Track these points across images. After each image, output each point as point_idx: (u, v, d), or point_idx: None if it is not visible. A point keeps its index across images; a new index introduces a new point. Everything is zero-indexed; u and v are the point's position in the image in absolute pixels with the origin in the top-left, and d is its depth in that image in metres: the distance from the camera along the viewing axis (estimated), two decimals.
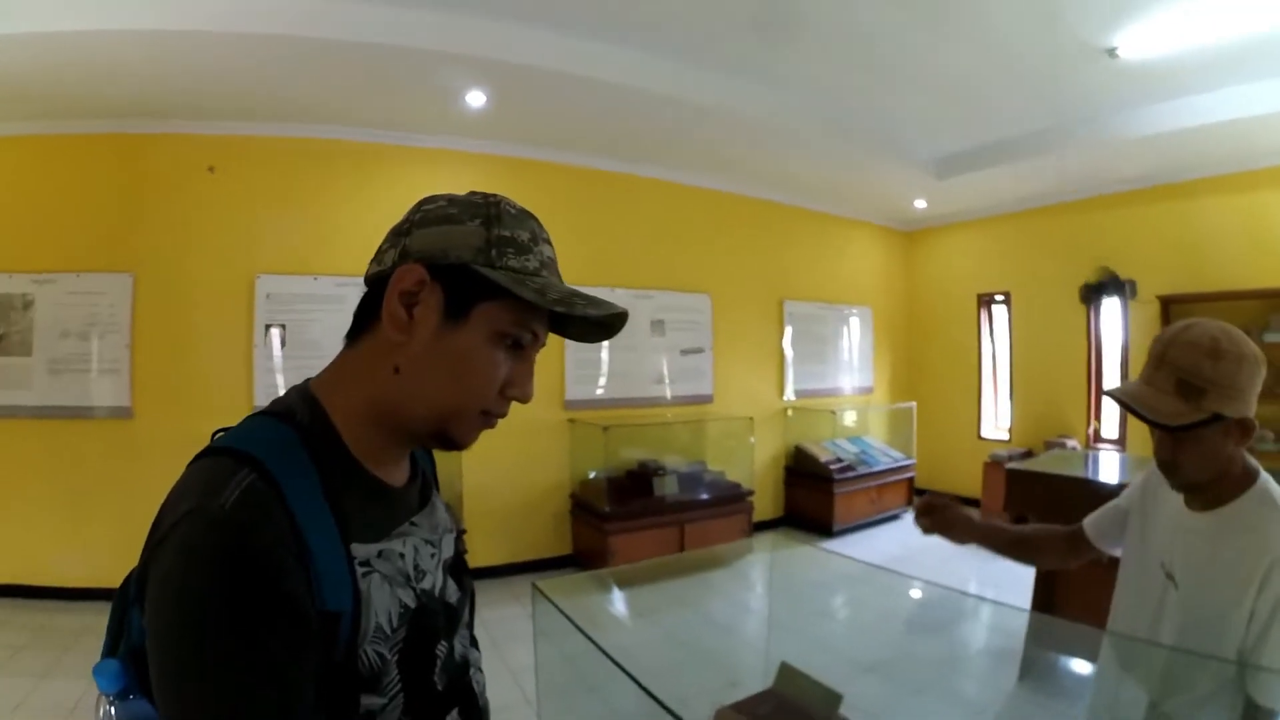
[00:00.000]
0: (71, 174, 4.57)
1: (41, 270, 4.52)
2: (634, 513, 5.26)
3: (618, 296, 5.05)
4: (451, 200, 0.87)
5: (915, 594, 3.92)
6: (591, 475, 5.55)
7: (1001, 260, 7.49)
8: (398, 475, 0.91)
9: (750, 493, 5.99)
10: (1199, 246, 6.02)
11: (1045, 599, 4.01)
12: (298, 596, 0.70)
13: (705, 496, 5.71)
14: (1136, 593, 1.54)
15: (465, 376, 0.84)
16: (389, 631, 0.80)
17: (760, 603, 3.62)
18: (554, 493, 5.57)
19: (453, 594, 0.94)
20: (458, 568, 0.99)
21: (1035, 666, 3.77)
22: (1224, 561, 1.34)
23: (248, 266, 4.75)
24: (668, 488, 5.55)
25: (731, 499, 5.86)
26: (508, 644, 3.96)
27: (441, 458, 1.09)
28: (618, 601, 3.55)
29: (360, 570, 0.78)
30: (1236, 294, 5.81)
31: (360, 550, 0.79)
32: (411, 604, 0.84)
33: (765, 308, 6.85)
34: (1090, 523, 1.76)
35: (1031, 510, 4.71)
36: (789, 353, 7.01)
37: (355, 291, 0.92)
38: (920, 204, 7.39)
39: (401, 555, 0.85)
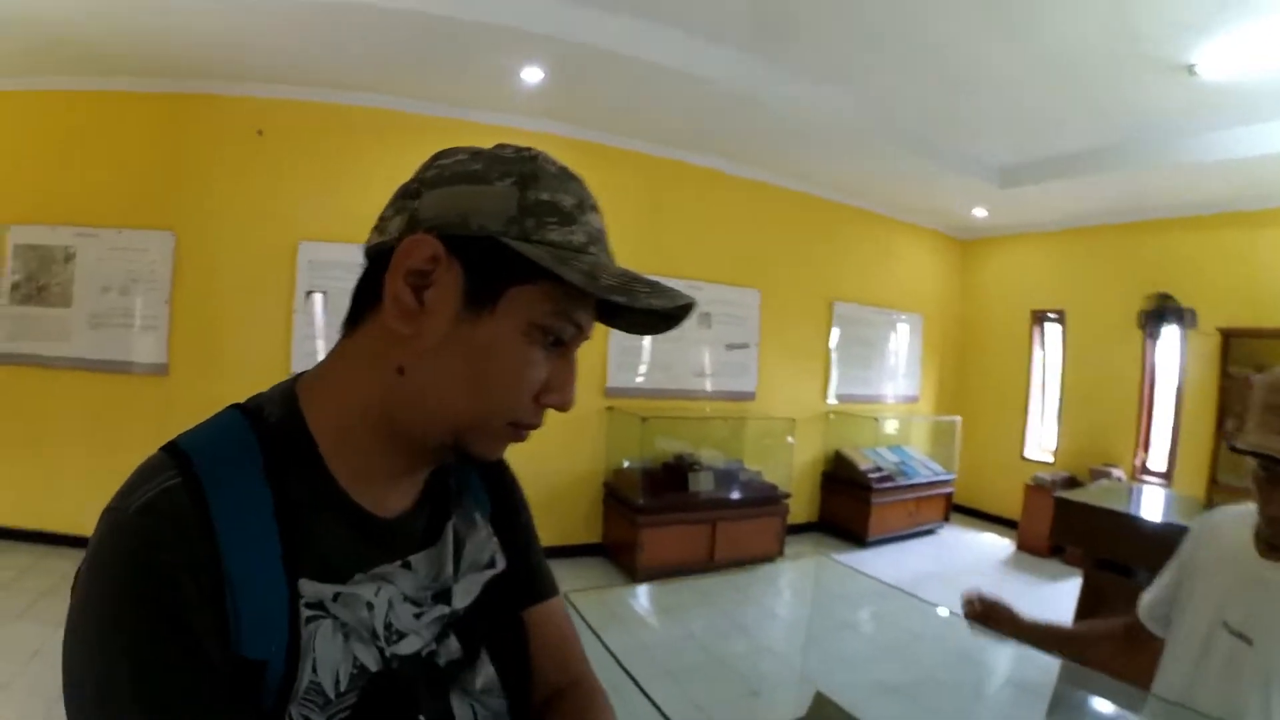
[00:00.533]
0: (120, 130, 4.57)
1: (84, 224, 4.53)
2: (667, 506, 5.16)
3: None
4: (475, 154, 0.69)
5: (947, 619, 3.80)
6: (626, 465, 5.45)
7: (1058, 277, 7.27)
8: (393, 501, 0.73)
9: (787, 495, 5.86)
10: (1264, 279, 5.78)
11: (1087, 611, 3.85)
12: (198, 633, 0.56)
13: (740, 496, 5.59)
14: (1195, 661, 1.45)
15: (490, 380, 0.67)
16: (331, 695, 0.63)
17: (789, 613, 3.52)
18: (588, 480, 5.49)
19: (451, 653, 0.74)
20: (483, 613, 0.79)
21: (1064, 703, 3.64)
22: None
23: (291, 232, 4.73)
24: (703, 484, 5.44)
25: (767, 500, 5.73)
26: None
27: None
28: (649, 615, 3.48)
29: (306, 613, 0.62)
30: None
31: (311, 589, 0.63)
32: (373, 666, 0.67)
33: (814, 307, 6.71)
34: (1145, 608, 1.65)
35: (1074, 541, 4.54)
36: (834, 355, 6.86)
37: None
38: (980, 213, 7.18)
39: (369, 605, 0.67)
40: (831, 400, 6.87)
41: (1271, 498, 1.31)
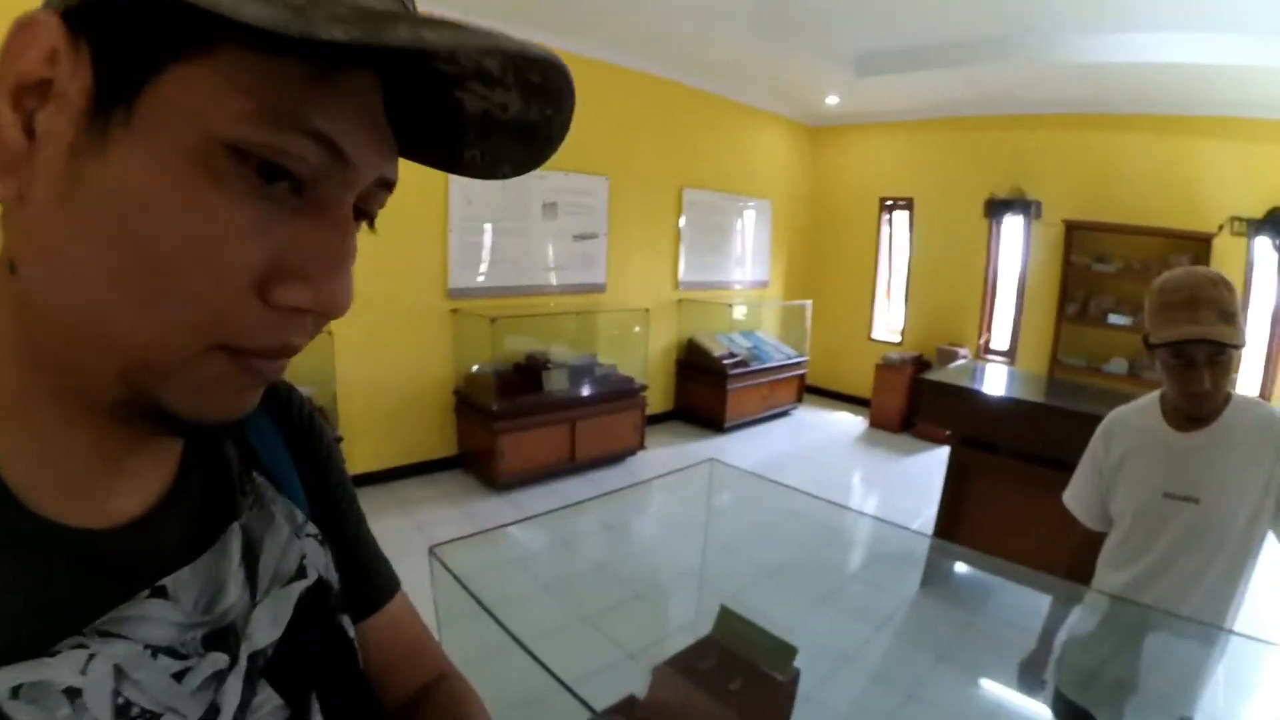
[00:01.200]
0: None
1: None
2: (522, 410, 4.93)
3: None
4: None
5: (822, 513, 3.91)
6: (476, 370, 5.16)
7: (909, 166, 7.42)
8: (115, 500, 0.44)
9: (643, 387, 5.77)
10: (1109, 178, 6.20)
11: (949, 528, 4.04)
12: None
13: (597, 391, 5.43)
14: (1150, 534, 1.70)
15: (152, 263, 0.36)
16: None
17: (683, 523, 3.46)
18: (437, 390, 5.16)
19: (267, 714, 0.48)
20: (302, 644, 0.52)
21: (936, 575, 3.85)
22: (1238, 456, 1.59)
23: None
24: (557, 382, 5.24)
25: (624, 394, 5.62)
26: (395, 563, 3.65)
27: (307, 355, 0.49)
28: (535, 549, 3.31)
29: None
30: (1140, 229, 6.09)
31: None
32: None
33: (664, 195, 6.48)
34: (1087, 514, 1.90)
35: (938, 420, 4.73)
36: (684, 242, 6.72)
37: None
38: (833, 100, 7.11)
39: (72, 694, 0.37)
40: (683, 287, 6.78)
41: (1189, 378, 1.56)
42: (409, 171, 0.47)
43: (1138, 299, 6.14)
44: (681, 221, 6.64)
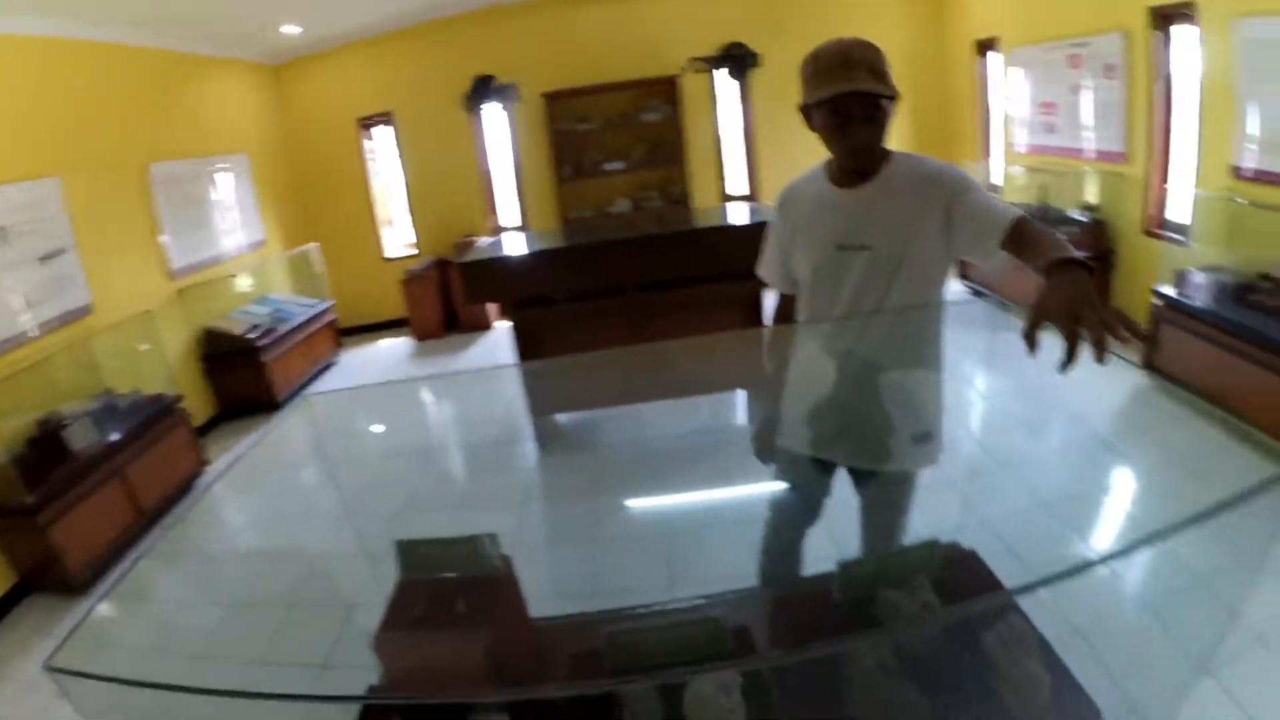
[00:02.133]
0: None
1: None
2: (63, 485, 4.09)
3: None
4: None
5: (421, 432, 4.08)
6: None
7: (384, 81, 7.38)
8: None
9: (179, 398, 5.17)
10: (577, 48, 7.00)
11: (530, 349, 4.41)
12: None
13: (131, 426, 4.67)
14: (834, 285, 1.86)
15: None
16: None
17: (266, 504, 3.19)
18: None
19: None
20: None
21: (549, 438, 4.32)
22: (903, 204, 1.74)
23: None
24: (82, 438, 4.41)
25: (160, 415, 4.91)
26: None
27: None
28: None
29: None
30: (613, 85, 6.98)
31: None
32: None
33: (128, 177, 5.48)
34: (775, 280, 2.09)
35: (490, 296, 5.15)
36: (166, 224, 5.88)
37: None
38: (293, 30, 6.55)
39: None
40: (179, 275, 6.00)
41: (846, 133, 1.69)
42: None
43: (623, 146, 7.16)
44: (158, 202, 5.79)
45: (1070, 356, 1.10)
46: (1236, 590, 2.03)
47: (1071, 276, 1.26)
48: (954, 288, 2.07)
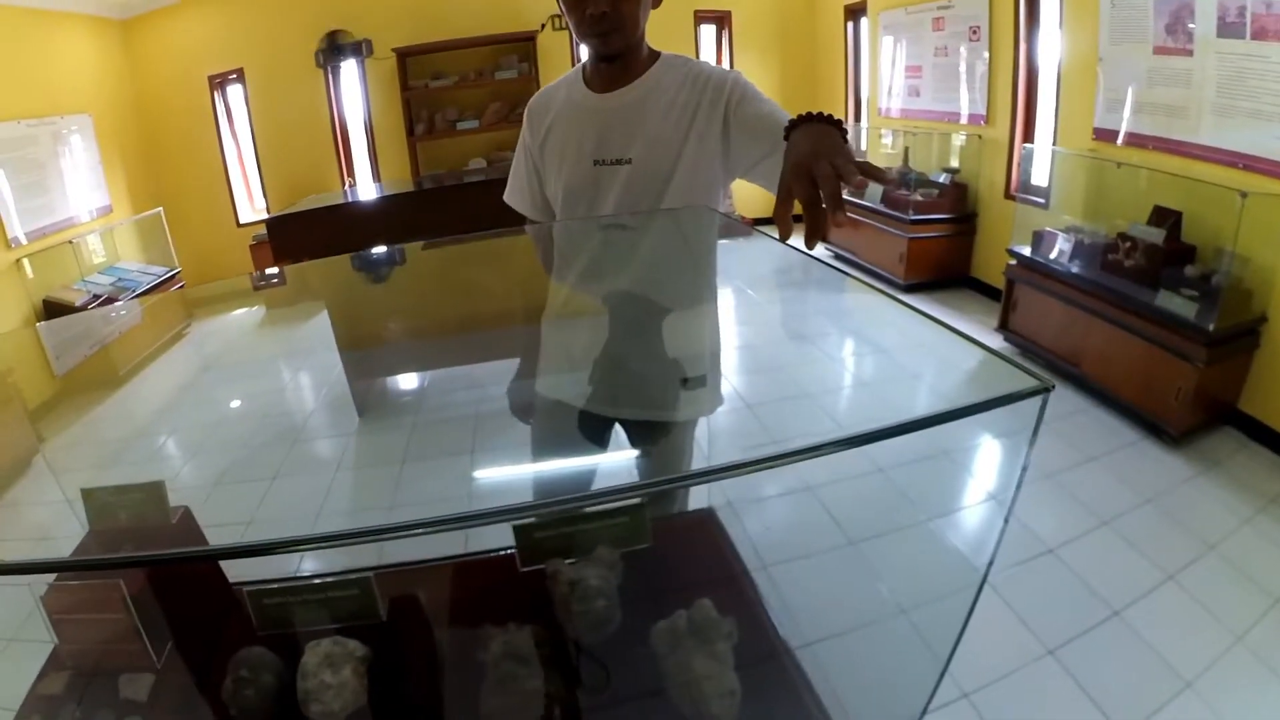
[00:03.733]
0: None
1: None
2: None
3: None
4: None
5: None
6: None
7: (235, 37, 7.09)
8: None
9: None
10: (432, 3, 6.91)
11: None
12: None
13: None
14: (590, 204, 1.63)
15: None
16: None
17: None
18: None
19: None
20: None
21: (366, 402, 4.28)
22: (672, 114, 1.53)
23: None
24: None
25: None
26: None
27: None
28: None
29: None
30: (469, 41, 6.92)
31: None
32: None
33: None
34: (523, 205, 1.82)
35: (301, 252, 5.01)
36: (4, 191, 5.63)
37: None
38: None
39: None
40: (15, 244, 5.81)
41: (583, 3, 1.45)
42: None
43: (480, 103, 7.17)
44: None
45: (813, 227, 0.89)
46: None
47: (813, 129, 1.09)
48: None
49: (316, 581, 1.17)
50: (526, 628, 1.22)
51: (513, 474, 2.15)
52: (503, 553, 1.44)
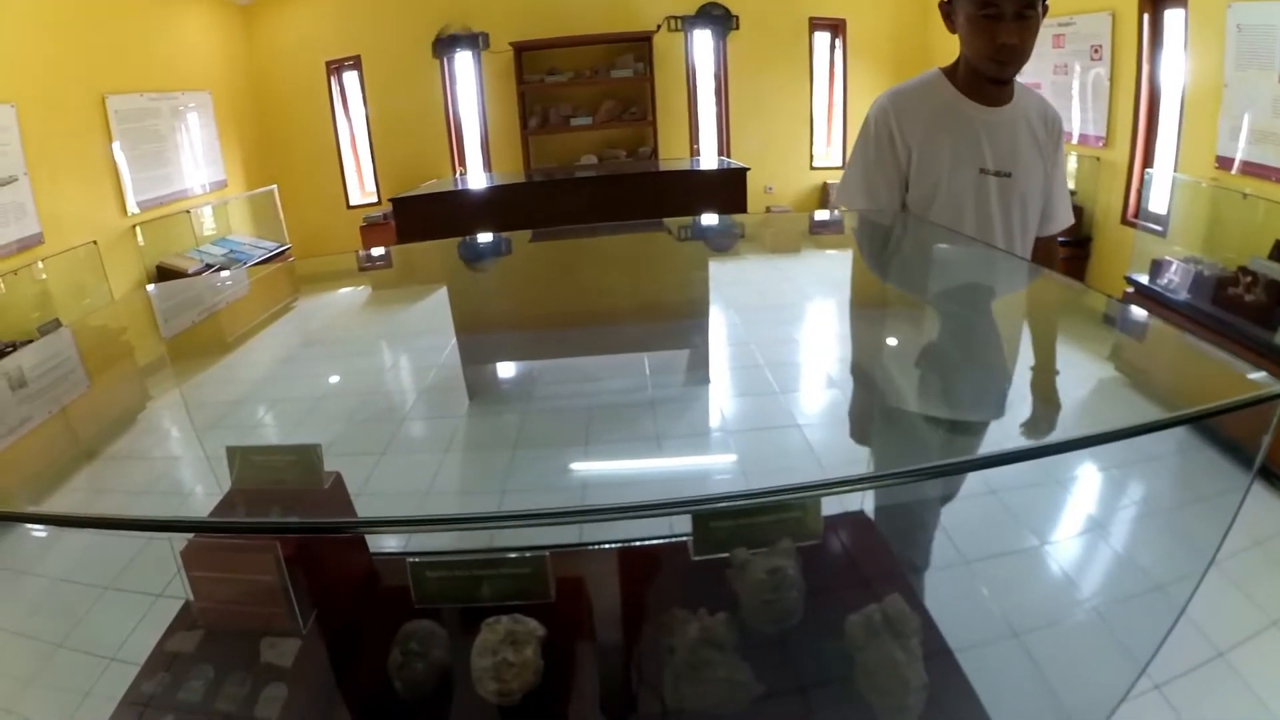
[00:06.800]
0: None
1: None
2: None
3: None
4: None
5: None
6: None
7: (353, 25, 7.39)
8: None
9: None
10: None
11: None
12: None
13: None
14: (971, 208, 1.76)
15: None
16: None
17: None
18: None
19: None
20: None
21: (478, 387, 4.35)
22: (1031, 136, 1.75)
23: None
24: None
25: None
26: None
27: None
28: None
29: None
30: (585, 39, 7.05)
31: None
32: None
33: (84, 109, 5.57)
34: (872, 200, 1.86)
35: (421, 232, 5.26)
36: (124, 158, 6.03)
37: None
38: None
39: None
40: (133, 210, 6.16)
41: (997, 30, 1.59)
42: None
43: (593, 100, 7.29)
44: (116, 135, 5.92)
45: None
46: None
47: None
48: None
49: (485, 558, 1.17)
50: (721, 614, 1.22)
51: (628, 468, 2.18)
52: (669, 540, 1.47)
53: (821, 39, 7.84)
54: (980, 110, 1.72)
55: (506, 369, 3.65)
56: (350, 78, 7.67)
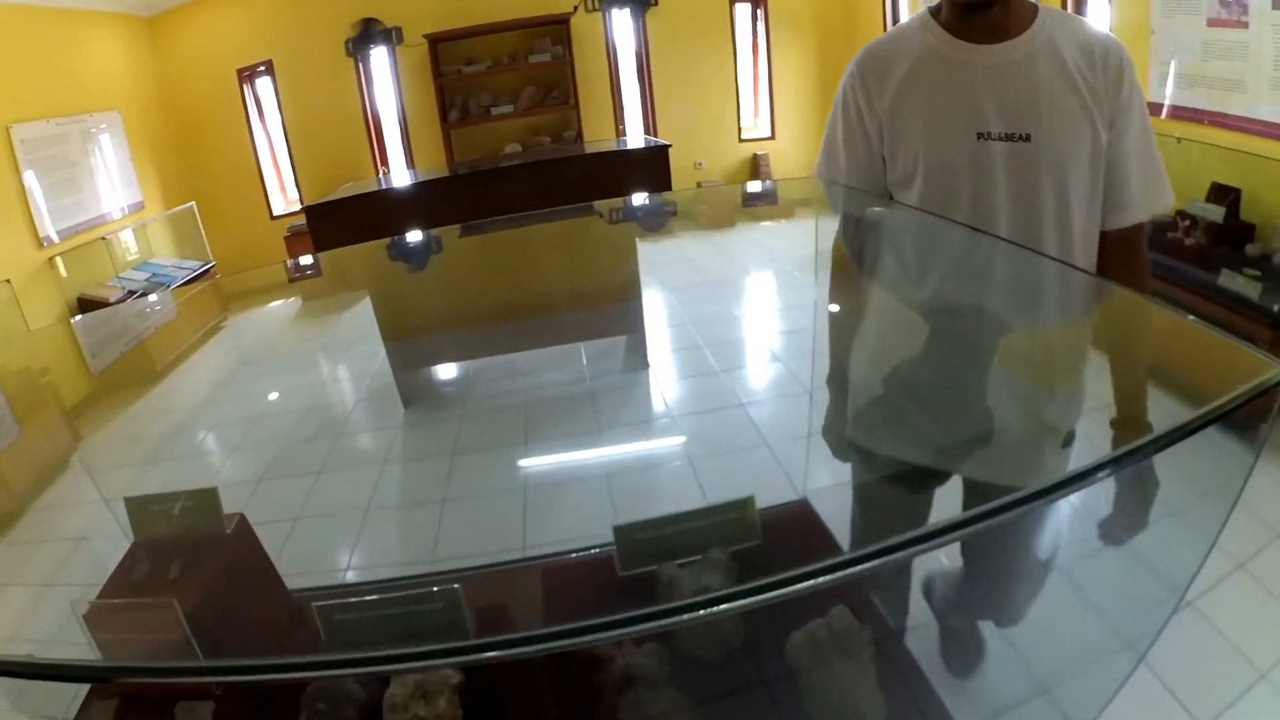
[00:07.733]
0: None
1: None
2: None
3: None
4: None
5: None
6: None
7: (263, 29, 7.23)
8: None
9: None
10: None
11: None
12: None
13: None
14: (946, 197, 1.31)
15: None
16: None
17: None
18: None
19: None
20: None
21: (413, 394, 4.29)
22: (1065, 78, 1.22)
23: None
24: None
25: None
26: None
27: None
28: None
29: None
30: (500, 25, 6.99)
31: None
32: None
33: None
34: (848, 179, 1.45)
35: (341, 239, 5.11)
36: (33, 188, 5.83)
37: None
38: None
39: None
40: (53, 240, 5.98)
41: None
42: None
43: (514, 87, 7.24)
44: (24, 164, 5.71)
45: None
46: None
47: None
48: None
49: (392, 595, 0.98)
50: (648, 646, 1.10)
51: (568, 462, 2.21)
52: (592, 552, 1.31)
53: (743, 10, 7.85)
54: (975, 51, 1.25)
55: (441, 372, 3.67)
56: (264, 84, 7.53)
